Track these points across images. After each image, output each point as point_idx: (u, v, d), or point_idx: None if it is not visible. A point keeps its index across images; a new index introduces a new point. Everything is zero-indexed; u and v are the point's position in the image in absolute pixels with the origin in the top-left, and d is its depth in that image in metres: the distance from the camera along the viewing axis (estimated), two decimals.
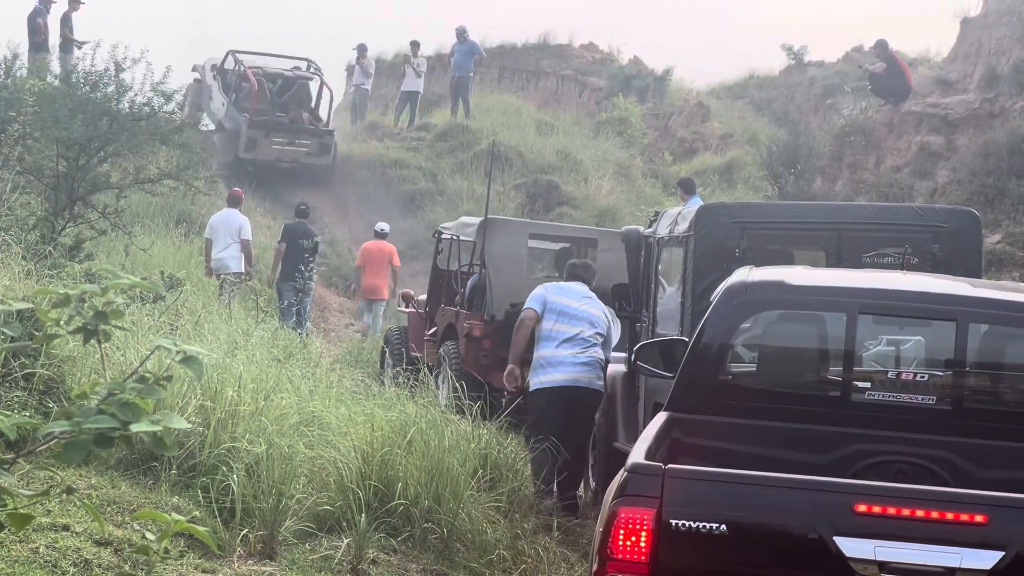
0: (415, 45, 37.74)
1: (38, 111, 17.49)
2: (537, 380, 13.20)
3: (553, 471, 12.51)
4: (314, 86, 35.36)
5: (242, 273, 21.48)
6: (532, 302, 13.39)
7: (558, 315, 13.21)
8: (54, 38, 32.04)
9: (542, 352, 13.20)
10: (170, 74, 20.25)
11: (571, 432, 12.88)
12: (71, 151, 17.22)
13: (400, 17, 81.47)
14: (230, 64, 34.99)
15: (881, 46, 26.72)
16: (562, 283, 13.75)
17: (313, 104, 35.05)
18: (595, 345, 13.13)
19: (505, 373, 13.75)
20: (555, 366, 13.06)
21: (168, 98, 18.87)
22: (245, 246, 21.80)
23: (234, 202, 22.63)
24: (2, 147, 16.71)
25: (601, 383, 13.12)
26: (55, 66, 24.52)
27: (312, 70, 35.39)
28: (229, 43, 35.70)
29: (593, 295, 13.52)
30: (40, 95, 17.90)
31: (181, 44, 37.98)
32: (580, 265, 14.07)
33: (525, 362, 13.59)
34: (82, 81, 18.29)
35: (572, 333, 13.10)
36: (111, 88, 18.14)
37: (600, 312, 13.34)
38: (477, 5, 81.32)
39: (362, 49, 38.41)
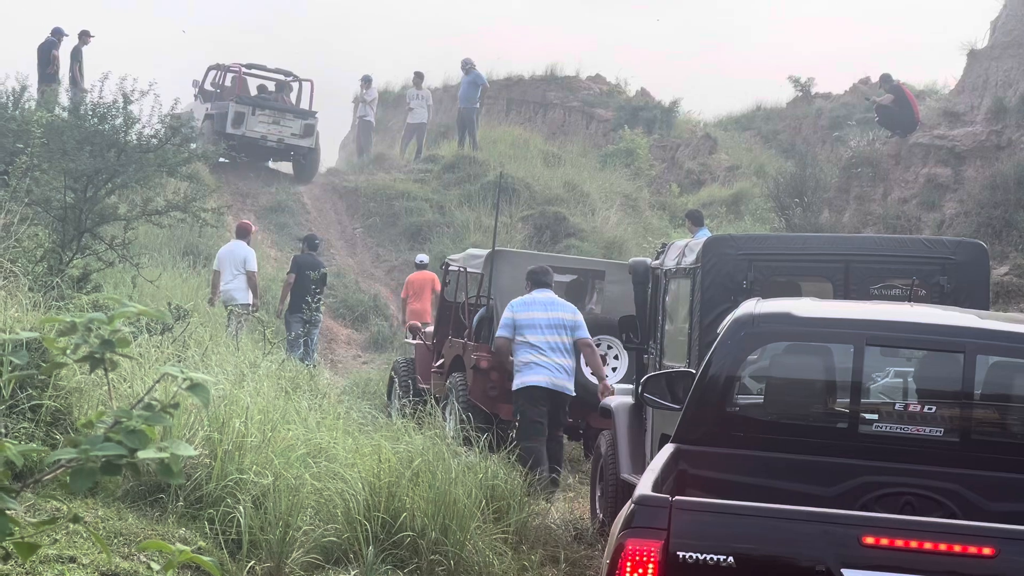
0: (419, 76, 37.82)
1: (46, 143, 17.53)
2: (519, 380, 15.01)
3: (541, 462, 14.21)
4: (295, 89, 36.60)
5: (249, 304, 21.50)
6: (502, 330, 15.18)
7: (528, 328, 14.99)
8: (64, 70, 32.23)
9: (522, 358, 14.99)
10: (178, 105, 20.34)
11: (551, 427, 14.94)
12: (79, 183, 17.25)
13: (407, 49, 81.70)
14: (211, 79, 36.47)
15: (886, 79, 26.78)
16: (527, 297, 15.36)
17: (295, 101, 36.15)
18: (565, 351, 15.01)
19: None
20: (532, 369, 14.92)
21: (176, 130, 18.92)
22: (251, 278, 21.81)
23: (241, 234, 22.65)
24: (10, 179, 16.73)
25: (572, 387, 15.05)
26: (64, 98, 24.59)
27: (292, 79, 36.05)
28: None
29: (557, 298, 15.36)
30: (48, 127, 17.94)
31: (188, 76, 38.11)
32: (540, 271, 15.63)
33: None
34: (90, 113, 18.33)
35: (542, 340, 14.93)
36: (119, 120, 18.18)
37: (567, 312, 15.16)
38: (485, 38, 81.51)
39: (367, 81, 38.51)
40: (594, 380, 16.29)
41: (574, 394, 15.16)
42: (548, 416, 14.91)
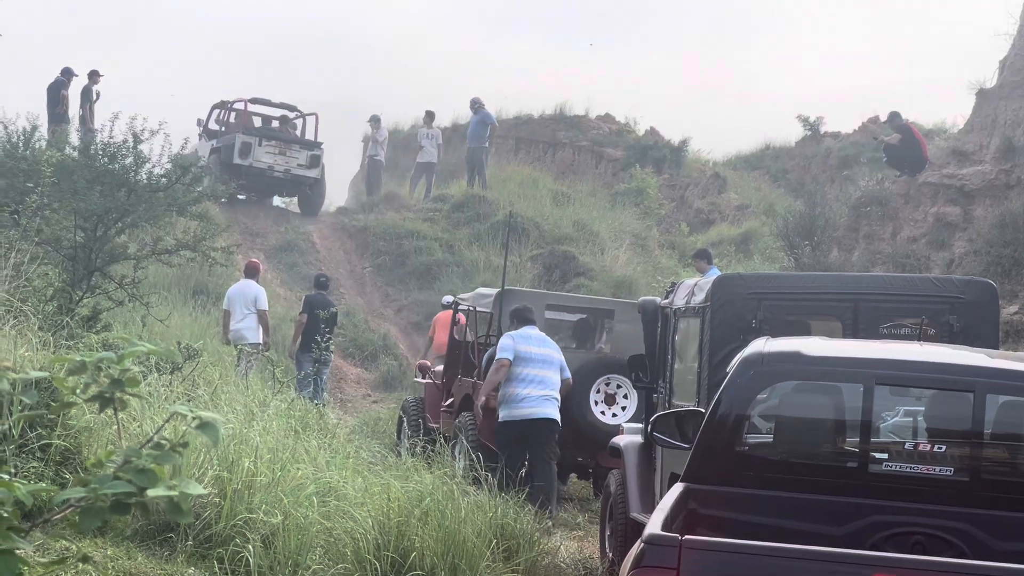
0: (430, 115, 37.89)
1: (57, 182, 17.58)
2: (508, 413, 15.85)
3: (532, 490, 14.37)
4: (300, 124, 36.92)
5: (259, 344, 21.53)
6: (504, 352, 16.01)
7: (524, 361, 15.92)
8: (74, 109, 32.38)
9: (513, 390, 15.85)
10: (187, 145, 20.41)
11: (544, 455, 15.70)
12: (89, 222, 17.29)
13: (417, 89, 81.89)
14: (216, 118, 36.94)
15: (894, 116, 26.78)
16: (520, 331, 16.26)
17: (300, 133, 36.45)
18: (555, 386, 15.95)
19: (479, 403, 16.46)
20: (522, 401, 15.80)
21: (185, 170, 18.97)
22: (262, 316, 21.85)
23: (251, 273, 22.70)
24: (21, 218, 16.77)
25: (558, 415, 15.93)
26: (74, 137, 24.67)
27: (296, 115, 36.34)
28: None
29: (545, 336, 16.48)
30: (59, 166, 18.00)
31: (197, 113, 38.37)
32: (525, 309, 16.65)
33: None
34: (100, 152, 18.38)
35: (534, 375, 15.87)
36: (129, 159, 18.23)
37: (553, 350, 16.22)
38: (494, 77, 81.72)
39: (375, 121, 38.59)
40: (603, 420, 16.45)
41: (560, 422, 16.00)
42: (535, 444, 15.70)
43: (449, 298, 25.71)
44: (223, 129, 35.89)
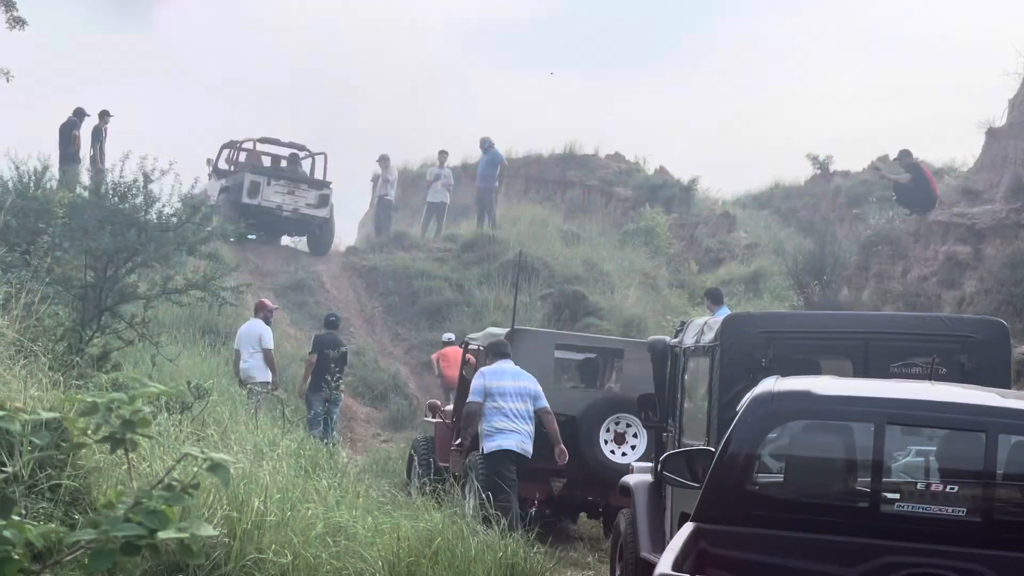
0: (443, 155, 37.91)
1: (67, 222, 17.61)
2: (491, 444, 16.11)
3: (514, 516, 14.59)
4: (308, 163, 36.91)
5: (268, 382, 21.56)
6: (475, 395, 16.40)
7: (499, 396, 16.25)
8: (85, 149, 32.46)
9: (494, 423, 16.18)
10: (197, 184, 20.44)
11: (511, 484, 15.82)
12: (99, 262, 17.31)
13: (426, 128, 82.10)
14: (225, 158, 36.89)
15: (904, 155, 26.78)
16: (494, 366, 16.59)
17: (309, 173, 36.44)
18: (529, 418, 16.28)
19: (455, 445, 17.33)
20: (502, 433, 16.12)
21: (196, 209, 18.99)
22: (266, 355, 21.91)
23: (257, 312, 22.84)
24: (32, 258, 16.80)
25: (529, 448, 16.25)
26: (85, 178, 24.72)
27: (304, 154, 36.53)
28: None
29: (520, 369, 16.68)
30: (70, 206, 18.03)
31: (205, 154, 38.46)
32: (501, 344, 17.15)
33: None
34: (111, 192, 18.41)
35: (510, 408, 16.20)
36: (139, 199, 18.26)
37: (528, 382, 16.49)
38: (504, 116, 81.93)
39: (385, 160, 38.61)
40: (613, 459, 16.48)
41: (530, 457, 16.37)
42: (510, 475, 15.94)
43: (450, 335, 26.92)
44: (232, 168, 35.94)
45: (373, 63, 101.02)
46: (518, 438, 16.24)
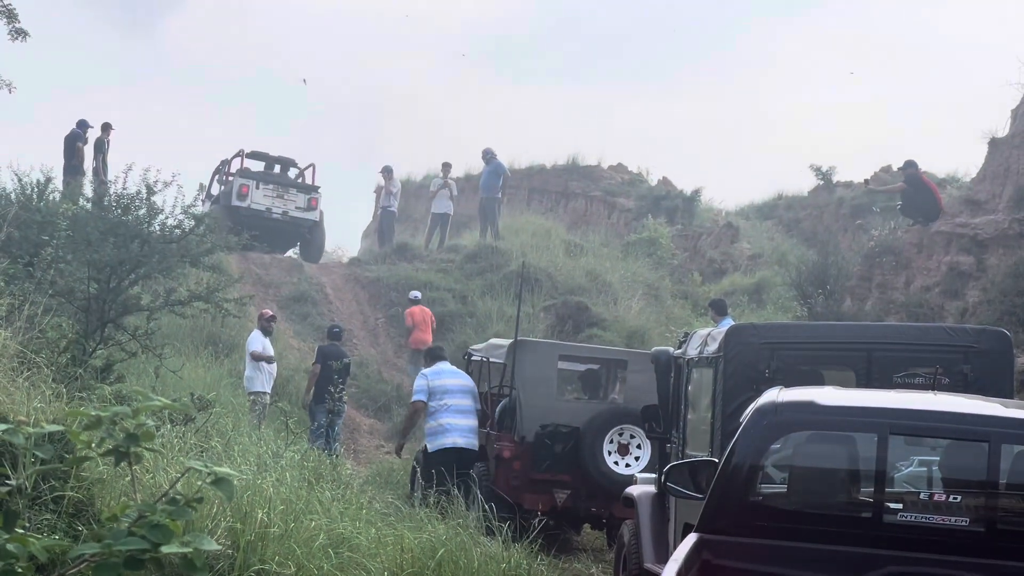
0: (446, 167, 37.92)
1: (70, 234, 17.61)
2: (437, 443, 17.54)
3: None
4: (297, 173, 37.38)
5: (263, 392, 21.61)
6: (418, 394, 17.95)
7: (443, 394, 17.75)
8: (88, 161, 32.54)
9: (439, 420, 17.64)
10: (200, 197, 20.45)
11: (465, 482, 16.42)
12: (102, 273, 17.31)
13: (430, 139, 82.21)
14: (217, 180, 37.38)
15: (909, 166, 26.78)
16: (434, 367, 18.21)
17: (298, 178, 36.97)
18: (473, 413, 17.82)
19: (396, 448, 19.62)
20: (449, 431, 17.53)
21: (199, 221, 19.00)
22: (253, 357, 22.01)
23: (257, 322, 23.00)
24: (35, 270, 16.80)
25: (477, 443, 17.71)
26: (88, 189, 24.74)
27: (296, 173, 37.21)
28: None
29: (456, 368, 18.58)
30: (73, 218, 18.03)
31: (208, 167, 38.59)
32: (437, 349, 19.34)
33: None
34: (114, 204, 18.41)
35: (454, 404, 17.69)
36: (142, 211, 18.26)
37: (468, 381, 18.34)
38: (507, 128, 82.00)
39: (388, 171, 38.64)
40: (616, 470, 16.52)
41: (477, 450, 17.72)
42: (460, 472, 16.64)
43: (416, 293, 29.34)
44: (223, 188, 36.21)
45: (376, 75, 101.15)
46: (463, 434, 17.65)
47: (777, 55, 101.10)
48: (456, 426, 17.64)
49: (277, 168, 36.73)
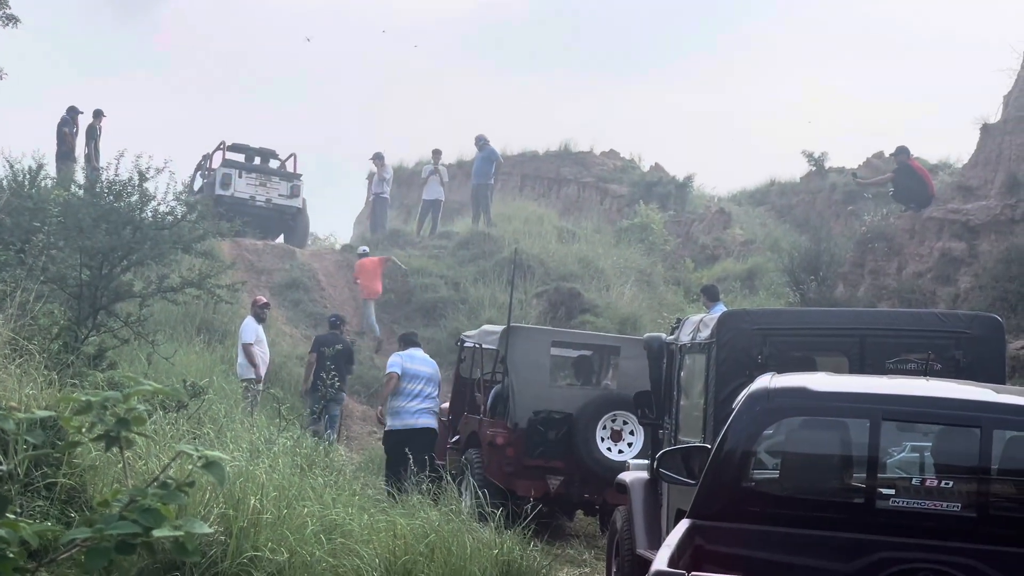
0: (437, 153, 37.87)
1: (62, 221, 17.58)
2: (397, 422, 18.58)
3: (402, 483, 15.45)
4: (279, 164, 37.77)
5: (251, 379, 21.60)
6: (392, 367, 18.98)
7: (413, 377, 18.78)
8: (80, 147, 32.51)
9: (401, 403, 18.64)
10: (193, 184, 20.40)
11: (421, 459, 16.39)
12: (94, 260, 17.27)
13: (422, 126, 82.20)
14: (200, 175, 37.63)
15: (901, 152, 26.78)
16: (408, 351, 19.23)
17: (279, 166, 37.36)
18: (434, 396, 18.85)
19: (378, 414, 20.22)
20: (410, 413, 18.58)
21: (192, 208, 18.98)
22: (244, 350, 22.01)
23: (250, 309, 23.02)
24: (27, 257, 16.77)
25: (436, 423, 18.88)
26: (80, 176, 24.70)
27: (277, 164, 37.48)
28: None
29: (427, 356, 19.55)
30: (64, 205, 18.00)
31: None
32: (412, 334, 20.36)
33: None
34: (106, 191, 18.37)
35: (419, 389, 18.71)
36: (135, 197, 18.22)
37: (433, 369, 19.20)
38: (500, 114, 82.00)
39: (379, 157, 38.59)
40: (610, 456, 16.54)
41: (436, 430, 18.87)
42: (416, 450, 16.91)
43: (364, 248, 31.77)
44: (206, 180, 36.42)
45: (368, 61, 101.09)
46: (423, 415, 18.66)
47: (769, 40, 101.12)
48: (418, 409, 18.66)
49: (258, 160, 36.98)
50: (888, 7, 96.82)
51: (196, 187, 36.45)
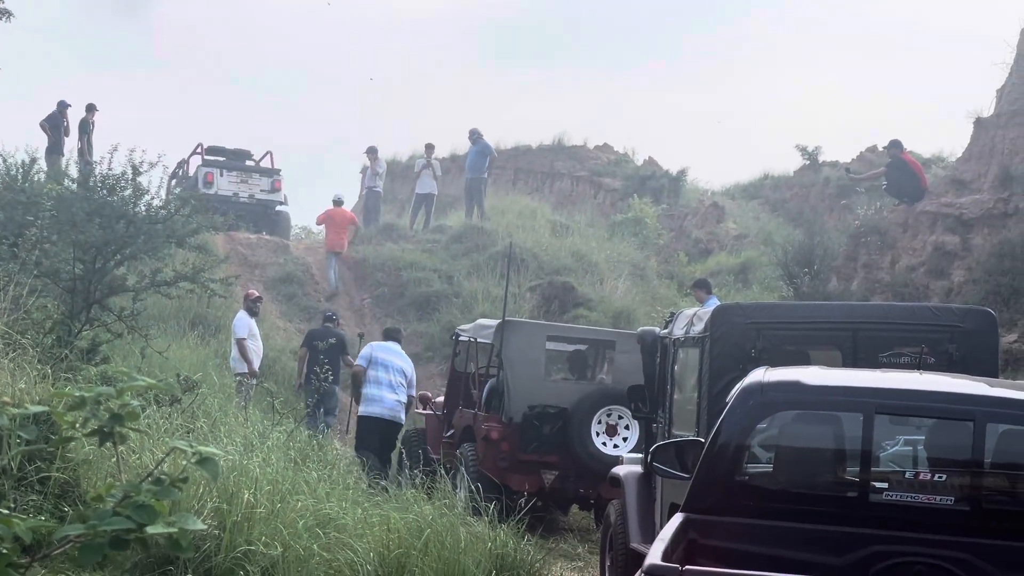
0: (430, 147, 37.86)
1: (55, 215, 17.56)
2: (365, 410, 19.49)
3: (369, 470, 16.22)
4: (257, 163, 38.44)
5: (244, 373, 21.61)
6: (361, 360, 19.84)
7: (381, 366, 19.49)
8: (73, 142, 32.52)
9: (369, 391, 19.46)
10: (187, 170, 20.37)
11: (385, 449, 19.30)
12: (88, 254, 17.26)
13: (415, 120, 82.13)
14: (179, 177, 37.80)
15: (894, 145, 26.77)
16: (384, 343, 20.24)
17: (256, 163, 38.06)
18: (403, 388, 19.55)
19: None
20: (377, 401, 19.38)
21: (185, 201, 18.97)
22: (238, 345, 22.04)
23: (243, 303, 23.03)
24: (20, 251, 16.75)
25: (404, 417, 19.78)
26: (73, 170, 24.68)
27: (252, 163, 38.02)
28: None
29: (402, 352, 20.21)
30: (58, 199, 17.98)
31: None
32: (393, 329, 21.37)
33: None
34: (99, 185, 18.35)
35: (389, 379, 19.42)
36: (128, 191, 18.21)
37: (407, 363, 19.96)
38: (493, 107, 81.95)
39: (373, 151, 38.57)
40: (605, 451, 16.56)
41: (403, 423, 19.84)
42: (384, 440, 19.35)
43: (340, 197, 33.22)
44: (186, 183, 36.68)
45: (361, 55, 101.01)
46: (390, 407, 19.43)
47: (763, 35, 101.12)
48: (385, 398, 19.43)
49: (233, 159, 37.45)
50: (885, 4, 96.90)
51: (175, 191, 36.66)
